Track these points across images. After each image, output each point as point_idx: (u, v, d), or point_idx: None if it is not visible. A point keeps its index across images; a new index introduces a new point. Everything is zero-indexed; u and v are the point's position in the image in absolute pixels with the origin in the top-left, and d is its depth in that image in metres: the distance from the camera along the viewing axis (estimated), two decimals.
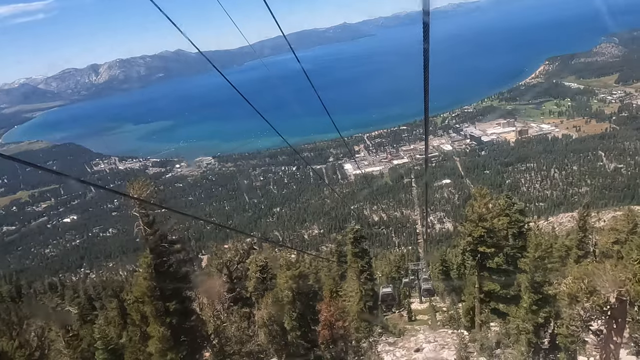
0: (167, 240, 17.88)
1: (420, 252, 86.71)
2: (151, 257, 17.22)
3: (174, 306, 17.45)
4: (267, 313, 24.49)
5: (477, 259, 29.64)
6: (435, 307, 50.03)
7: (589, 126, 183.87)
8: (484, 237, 28.13)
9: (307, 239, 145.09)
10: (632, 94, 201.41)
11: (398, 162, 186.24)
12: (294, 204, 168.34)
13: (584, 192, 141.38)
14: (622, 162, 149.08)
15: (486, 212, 28.24)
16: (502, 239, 28.74)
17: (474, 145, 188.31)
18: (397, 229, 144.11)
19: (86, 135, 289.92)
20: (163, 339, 17.19)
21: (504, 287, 29.41)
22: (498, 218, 28.22)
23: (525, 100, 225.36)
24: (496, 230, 28.05)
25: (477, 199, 29.24)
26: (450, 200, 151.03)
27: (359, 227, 39.67)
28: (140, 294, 17.97)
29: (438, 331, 37.38)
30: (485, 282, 30.08)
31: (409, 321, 46.51)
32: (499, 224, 28.08)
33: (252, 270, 29.30)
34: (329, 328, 25.95)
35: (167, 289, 17.71)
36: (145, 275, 17.37)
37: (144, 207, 16.67)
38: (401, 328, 38.72)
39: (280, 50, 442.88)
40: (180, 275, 18.30)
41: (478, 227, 28.27)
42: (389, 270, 60.97)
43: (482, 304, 31.02)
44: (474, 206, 29.01)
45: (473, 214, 28.84)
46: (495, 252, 28.56)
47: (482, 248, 28.25)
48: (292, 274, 25.39)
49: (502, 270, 29.79)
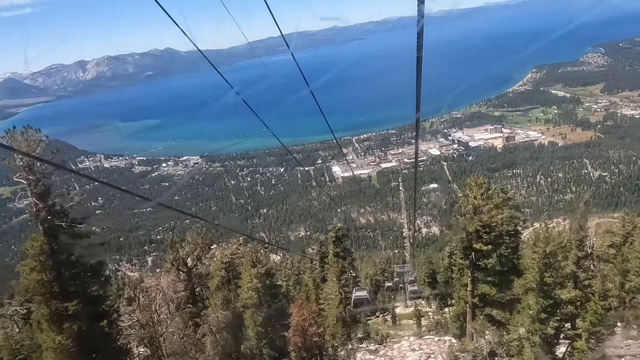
0: (68, 218, 13.62)
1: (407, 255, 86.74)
2: (43, 240, 12.98)
3: (75, 307, 13.11)
4: (215, 318, 21.23)
5: (470, 257, 26.28)
6: (421, 312, 47.24)
7: (574, 134, 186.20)
8: (479, 232, 24.88)
9: (294, 241, 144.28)
10: (617, 103, 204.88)
11: (386, 166, 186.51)
12: (281, 205, 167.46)
13: (568, 199, 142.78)
14: (606, 170, 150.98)
15: (482, 203, 25.13)
16: (500, 236, 25.20)
17: (462, 151, 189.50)
18: (384, 232, 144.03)
19: (72, 132, 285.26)
20: (61, 350, 12.92)
21: (500, 291, 26.00)
22: (497, 210, 24.82)
23: (513, 107, 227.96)
24: (494, 225, 24.67)
25: (473, 189, 25.81)
26: (437, 205, 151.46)
27: (341, 225, 37.68)
28: (28, 290, 13.59)
29: (423, 337, 35.90)
30: (479, 285, 26.75)
31: (393, 326, 45.41)
32: (498, 218, 24.65)
33: (214, 267, 25.90)
34: (301, 334, 23.32)
35: (69, 284, 13.61)
36: (35, 265, 12.99)
37: (33, 169, 12.70)
38: (384, 334, 37.05)
39: (271, 51, 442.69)
40: (87, 267, 14.17)
41: (473, 221, 25.06)
42: (374, 272, 60.22)
43: (475, 308, 27.62)
44: (469, 197, 25.78)
45: (467, 206, 25.65)
46: (492, 249, 25.13)
47: (478, 245, 24.88)
48: (258, 272, 23.01)
49: (498, 272, 26.27)
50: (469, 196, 25.79)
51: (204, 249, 24.05)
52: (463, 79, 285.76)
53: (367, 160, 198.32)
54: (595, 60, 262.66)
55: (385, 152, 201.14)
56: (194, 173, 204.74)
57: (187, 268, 23.37)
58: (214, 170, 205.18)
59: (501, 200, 25.83)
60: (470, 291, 27.30)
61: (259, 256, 24.90)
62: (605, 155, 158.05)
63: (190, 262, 23.74)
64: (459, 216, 27.04)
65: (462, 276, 30.99)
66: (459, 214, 27.61)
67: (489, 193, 25.71)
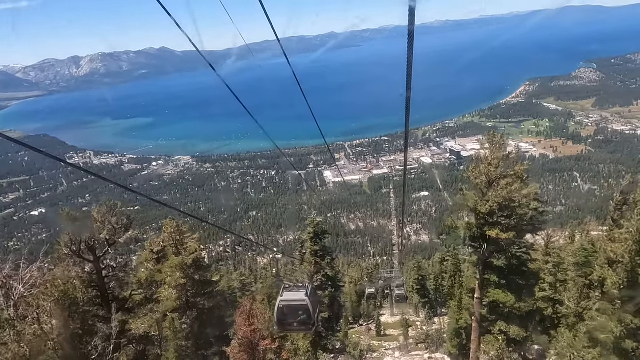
0: None
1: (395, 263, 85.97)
2: None
3: None
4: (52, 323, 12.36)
5: (482, 250, 18.98)
6: (409, 321, 44.66)
7: (565, 147, 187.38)
8: (495, 214, 17.71)
9: (282, 245, 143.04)
10: (607, 119, 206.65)
11: (378, 172, 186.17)
12: (270, 208, 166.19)
13: (558, 211, 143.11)
14: (596, 184, 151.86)
15: (501, 173, 17.85)
16: (521, 220, 17.77)
17: (454, 160, 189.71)
18: (373, 239, 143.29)
19: (62, 128, 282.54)
20: None
21: (519, 299, 19.19)
22: (521, 184, 17.78)
23: (506, 118, 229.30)
24: (516, 205, 17.42)
25: (489, 148, 18.52)
26: (427, 213, 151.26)
27: (320, 219, 33.25)
28: None
29: (411, 353, 32.37)
30: (491, 290, 19.80)
31: (377, 336, 43.01)
32: (523, 194, 17.48)
33: (143, 258, 20.05)
34: (248, 351, 17.09)
35: None
36: None
37: None
38: (365, 347, 33.49)
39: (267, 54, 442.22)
40: None
41: (487, 198, 17.87)
42: (359, 276, 58.84)
43: (483, 322, 20.62)
44: (482, 163, 18.59)
45: (479, 177, 18.35)
46: (511, 241, 18.12)
47: (494, 232, 17.55)
48: (182, 262, 17.17)
49: (520, 272, 19.32)
50: (482, 162, 18.67)
51: (120, 230, 16.52)
52: (457, 89, 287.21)
53: (359, 166, 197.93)
54: (587, 75, 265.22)
55: (377, 158, 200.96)
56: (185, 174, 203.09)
57: (95, 256, 16.20)
58: (205, 171, 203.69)
59: (526, 169, 18.79)
60: (478, 299, 20.28)
61: (186, 240, 18.37)
62: (596, 169, 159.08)
63: (100, 248, 16.46)
64: (466, 192, 19.90)
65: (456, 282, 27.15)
66: (466, 189, 20.62)
67: (511, 158, 18.53)
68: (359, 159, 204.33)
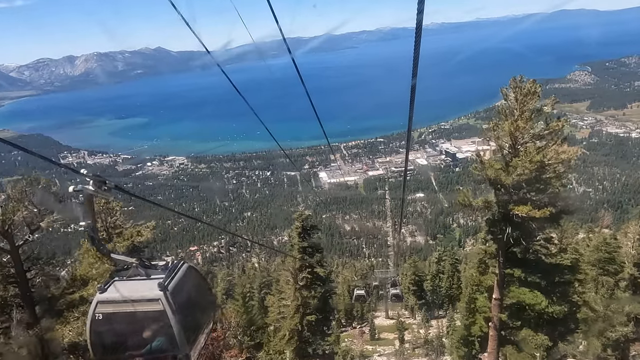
0: None
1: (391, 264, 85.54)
2: None
3: None
4: None
5: (504, 236, 14.37)
6: (404, 324, 42.86)
7: None
8: (523, 187, 13.66)
9: (277, 246, 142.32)
10: (602, 121, 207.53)
11: (373, 174, 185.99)
12: (265, 209, 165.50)
13: None
14: (590, 186, 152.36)
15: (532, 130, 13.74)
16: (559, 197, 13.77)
17: (449, 161, 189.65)
18: (369, 240, 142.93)
19: (56, 127, 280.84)
20: None
21: (553, 302, 15.33)
22: (558, 146, 13.81)
23: None
24: (551, 175, 13.53)
25: (515, 95, 14.10)
26: (422, 214, 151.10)
27: (309, 213, 30.47)
28: None
29: None
30: (513, 289, 15.82)
31: (371, 340, 41.80)
32: (561, 159, 13.45)
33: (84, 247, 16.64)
34: None
35: None
36: None
37: None
38: (356, 353, 31.75)
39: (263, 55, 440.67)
40: None
41: (514, 165, 13.52)
42: (351, 277, 58.23)
43: (502, 330, 16.58)
44: (506, 118, 14.35)
45: (502, 137, 14.40)
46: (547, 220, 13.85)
47: (524, 208, 13.18)
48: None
49: (553, 266, 15.37)
50: (506, 117, 14.41)
51: (43, 212, 13.29)
52: (452, 91, 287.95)
53: (355, 167, 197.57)
54: (582, 78, 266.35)
55: (373, 159, 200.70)
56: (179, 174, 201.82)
57: (12, 244, 13.04)
58: (200, 171, 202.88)
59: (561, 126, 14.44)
60: (497, 300, 16.15)
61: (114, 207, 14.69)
62: (590, 172, 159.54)
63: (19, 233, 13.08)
64: (483, 161, 15.46)
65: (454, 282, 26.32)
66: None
67: (545, 111, 14.45)
68: (354, 160, 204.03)
